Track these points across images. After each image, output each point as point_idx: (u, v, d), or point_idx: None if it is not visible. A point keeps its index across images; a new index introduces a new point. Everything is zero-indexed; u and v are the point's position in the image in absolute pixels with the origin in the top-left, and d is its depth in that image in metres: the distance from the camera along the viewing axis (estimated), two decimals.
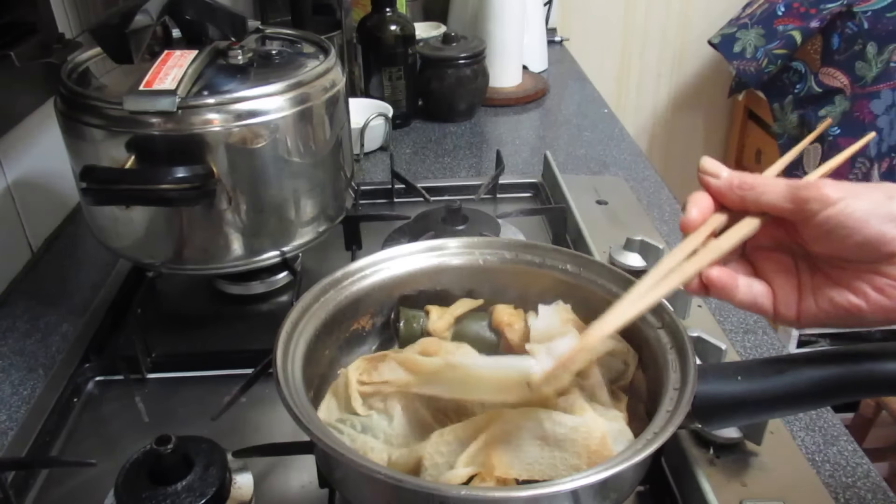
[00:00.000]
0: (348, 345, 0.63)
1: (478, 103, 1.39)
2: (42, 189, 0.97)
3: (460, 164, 1.20)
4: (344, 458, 0.44)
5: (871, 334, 1.86)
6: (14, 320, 0.83)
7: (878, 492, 0.60)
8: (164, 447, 0.51)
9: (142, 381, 0.73)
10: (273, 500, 0.60)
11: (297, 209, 0.75)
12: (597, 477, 0.43)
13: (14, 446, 0.63)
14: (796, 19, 1.74)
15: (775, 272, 0.46)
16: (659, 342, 0.54)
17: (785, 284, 0.45)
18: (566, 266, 0.63)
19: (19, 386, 0.73)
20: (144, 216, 0.71)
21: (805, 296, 0.45)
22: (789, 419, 0.66)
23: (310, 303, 0.58)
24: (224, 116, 0.66)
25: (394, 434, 0.53)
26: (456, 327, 0.63)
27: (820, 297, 0.44)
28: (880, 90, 1.63)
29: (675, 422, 0.46)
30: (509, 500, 0.43)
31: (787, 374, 0.48)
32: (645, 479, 0.58)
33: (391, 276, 0.63)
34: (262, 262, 0.76)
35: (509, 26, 1.43)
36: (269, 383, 0.52)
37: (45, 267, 0.93)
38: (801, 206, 0.42)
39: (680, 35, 2.24)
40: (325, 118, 0.75)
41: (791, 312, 0.45)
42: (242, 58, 0.74)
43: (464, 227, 0.86)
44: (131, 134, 0.66)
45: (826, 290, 0.44)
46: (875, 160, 1.61)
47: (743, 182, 0.44)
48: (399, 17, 1.30)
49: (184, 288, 0.88)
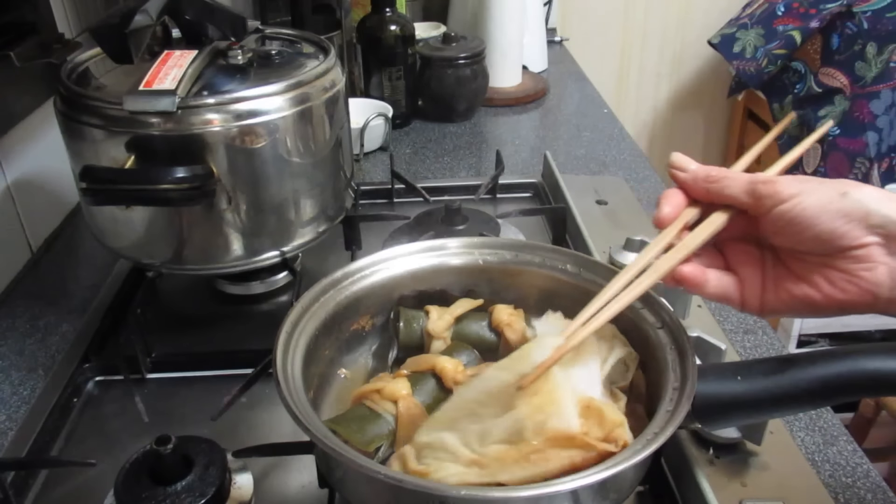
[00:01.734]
0: (348, 345, 0.63)
1: (478, 103, 1.39)
2: (42, 189, 0.97)
3: (460, 164, 1.20)
4: (344, 458, 0.44)
5: (871, 334, 1.86)
6: (14, 320, 0.83)
7: (877, 492, 0.60)
8: (163, 447, 0.51)
9: (142, 381, 0.73)
10: (273, 500, 0.60)
11: (297, 209, 0.75)
12: (597, 477, 0.43)
13: (14, 446, 0.63)
14: (796, 19, 1.74)
15: (743, 264, 0.48)
16: (659, 342, 0.54)
17: (751, 276, 0.48)
18: (566, 266, 0.63)
19: (19, 386, 0.73)
20: (144, 216, 0.71)
21: (767, 287, 0.47)
22: (789, 419, 0.66)
23: (310, 303, 0.58)
24: (224, 116, 0.66)
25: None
26: (456, 327, 0.63)
27: (780, 289, 0.47)
28: (880, 90, 1.63)
29: (675, 422, 0.46)
30: (509, 500, 0.43)
31: (787, 374, 0.48)
32: (645, 479, 0.58)
33: (391, 276, 0.64)
34: (261, 262, 0.76)
35: (509, 26, 1.43)
36: (269, 383, 0.52)
37: (45, 267, 0.93)
38: (758, 202, 0.45)
39: (680, 35, 2.24)
40: (325, 118, 0.75)
41: (755, 302, 0.48)
42: (242, 58, 0.74)
43: (464, 227, 0.86)
44: (131, 134, 0.66)
45: (785, 282, 0.47)
46: (875, 160, 1.61)
47: (708, 175, 0.47)
48: (399, 17, 1.30)
49: (184, 288, 0.88)
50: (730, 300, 0.48)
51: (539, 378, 0.48)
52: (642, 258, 0.49)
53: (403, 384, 0.56)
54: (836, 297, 0.45)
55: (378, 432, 0.53)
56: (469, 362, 0.59)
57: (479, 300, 0.65)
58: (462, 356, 0.59)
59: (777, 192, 0.44)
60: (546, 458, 0.45)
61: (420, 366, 0.59)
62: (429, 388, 0.57)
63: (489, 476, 0.46)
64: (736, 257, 0.49)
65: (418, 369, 0.58)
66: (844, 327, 1.84)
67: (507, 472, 0.46)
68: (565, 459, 0.45)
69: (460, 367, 0.58)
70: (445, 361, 0.58)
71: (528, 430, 0.46)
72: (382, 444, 0.53)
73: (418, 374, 0.58)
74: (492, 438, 0.47)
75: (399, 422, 0.54)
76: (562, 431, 0.45)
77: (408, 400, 0.55)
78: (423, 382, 0.57)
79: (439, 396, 0.57)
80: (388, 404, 0.55)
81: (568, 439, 0.45)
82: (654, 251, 0.48)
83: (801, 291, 0.46)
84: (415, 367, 0.59)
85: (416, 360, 0.60)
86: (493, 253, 0.65)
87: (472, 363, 0.59)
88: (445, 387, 0.57)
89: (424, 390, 0.56)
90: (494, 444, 0.47)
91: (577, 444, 0.45)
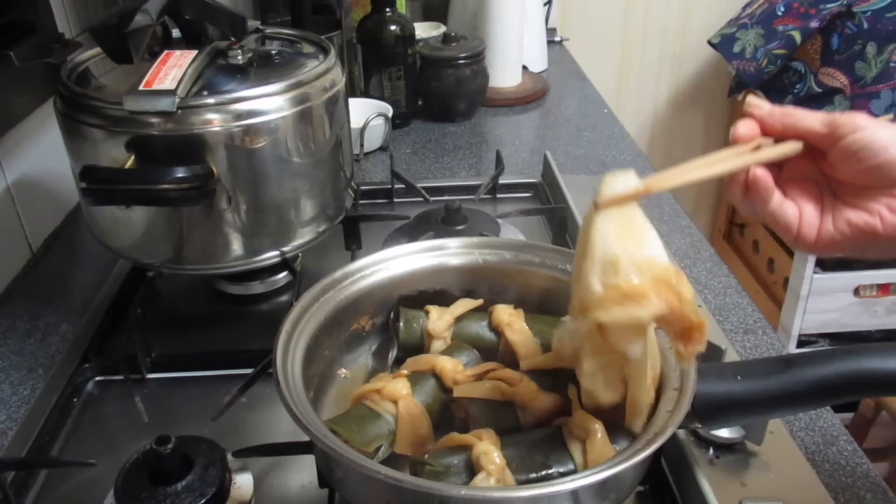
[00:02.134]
0: (348, 345, 0.63)
1: (478, 103, 1.39)
2: (42, 189, 0.97)
3: (460, 164, 1.20)
4: (344, 458, 0.44)
5: (871, 334, 1.87)
6: (14, 320, 0.83)
7: (877, 492, 0.60)
8: (163, 447, 0.51)
9: (142, 381, 0.73)
10: (273, 500, 0.60)
11: (297, 209, 0.75)
12: (597, 477, 0.43)
13: (14, 446, 0.63)
14: (796, 19, 1.74)
15: (803, 199, 0.50)
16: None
17: (810, 209, 0.49)
18: (566, 266, 0.63)
19: (19, 386, 0.73)
20: (144, 216, 0.71)
21: (825, 219, 0.49)
22: (789, 419, 0.66)
23: (310, 303, 0.58)
24: (224, 116, 0.66)
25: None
26: (456, 327, 0.63)
27: (839, 219, 0.49)
28: (880, 90, 1.63)
29: (675, 422, 0.46)
30: (509, 500, 0.43)
31: (786, 374, 0.48)
32: (645, 479, 0.58)
33: (391, 276, 0.64)
34: (261, 262, 0.76)
35: (509, 26, 1.43)
36: (269, 383, 0.52)
37: (45, 267, 0.93)
38: (833, 131, 0.47)
39: (680, 35, 2.23)
40: (325, 118, 0.75)
41: (812, 234, 0.49)
42: (242, 58, 0.74)
43: (463, 227, 0.86)
44: (131, 134, 0.66)
45: (845, 211, 0.48)
46: None
47: (784, 110, 0.49)
48: (399, 17, 1.30)
49: (184, 288, 0.87)
50: (787, 226, 0.49)
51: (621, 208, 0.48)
52: (718, 153, 0.49)
53: (403, 384, 0.56)
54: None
55: (378, 432, 0.53)
56: (469, 362, 0.59)
57: (479, 300, 0.65)
58: (462, 356, 0.59)
59: (854, 120, 0.46)
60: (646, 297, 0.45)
61: (420, 366, 0.59)
62: (429, 388, 0.57)
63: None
64: (796, 193, 0.50)
65: (418, 369, 0.58)
66: (844, 327, 1.84)
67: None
68: (663, 303, 0.45)
69: (460, 367, 0.58)
70: (445, 361, 0.58)
71: (622, 264, 0.46)
72: (382, 444, 0.53)
73: (418, 374, 0.58)
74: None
75: (399, 422, 0.54)
76: (661, 266, 0.45)
77: (408, 400, 0.55)
78: (423, 382, 0.57)
79: (439, 396, 0.57)
80: (388, 404, 0.55)
81: (666, 281, 0.45)
82: (728, 153, 0.49)
83: (862, 219, 0.48)
84: (415, 367, 0.59)
85: (416, 360, 0.60)
86: (493, 253, 0.65)
87: (472, 363, 0.59)
88: (445, 387, 0.57)
89: (424, 390, 0.56)
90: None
91: (673, 290, 0.45)
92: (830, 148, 0.48)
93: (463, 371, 0.57)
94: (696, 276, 0.88)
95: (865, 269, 1.77)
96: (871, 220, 0.47)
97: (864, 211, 0.48)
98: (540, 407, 0.55)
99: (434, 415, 0.56)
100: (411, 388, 0.56)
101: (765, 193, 0.49)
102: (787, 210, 0.49)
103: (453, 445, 0.51)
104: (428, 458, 0.50)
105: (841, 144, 0.47)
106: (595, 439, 0.50)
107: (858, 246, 0.49)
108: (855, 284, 1.78)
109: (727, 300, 0.84)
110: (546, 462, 0.49)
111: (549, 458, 0.49)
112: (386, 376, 0.58)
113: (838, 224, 0.48)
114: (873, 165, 0.46)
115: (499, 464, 0.48)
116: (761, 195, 0.49)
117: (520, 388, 0.55)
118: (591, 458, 0.49)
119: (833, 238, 0.49)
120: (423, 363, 0.59)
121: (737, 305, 0.83)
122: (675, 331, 0.46)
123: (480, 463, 0.48)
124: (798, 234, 0.49)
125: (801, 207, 0.49)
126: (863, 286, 1.79)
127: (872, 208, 0.47)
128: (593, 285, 0.46)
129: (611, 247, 0.47)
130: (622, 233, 0.47)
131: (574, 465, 0.49)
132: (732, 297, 0.85)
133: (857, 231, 0.48)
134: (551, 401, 0.55)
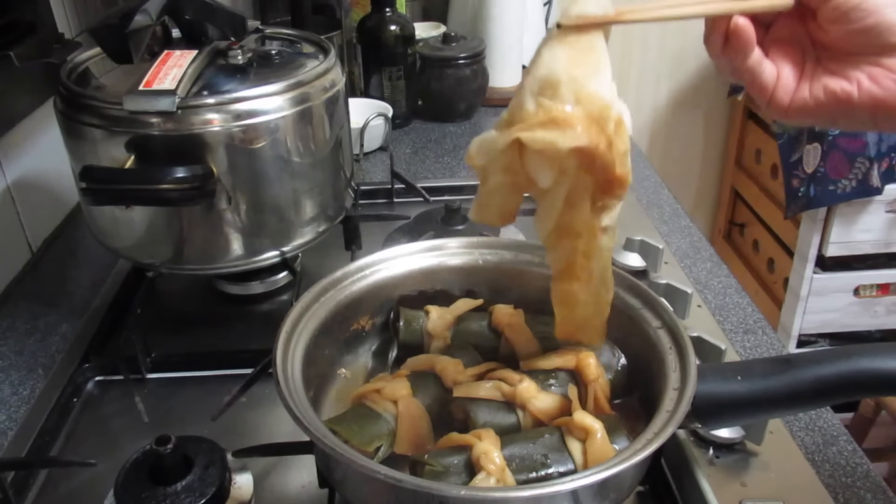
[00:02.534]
0: (348, 345, 0.63)
1: (478, 103, 1.39)
2: (42, 189, 0.97)
3: (460, 164, 1.20)
4: (344, 458, 0.44)
5: (871, 334, 1.87)
6: (14, 320, 0.83)
7: (877, 492, 0.60)
8: (163, 447, 0.51)
9: (142, 381, 0.73)
10: (273, 500, 0.60)
11: (297, 209, 0.75)
12: (596, 477, 0.43)
13: (14, 446, 0.64)
14: None
15: (783, 61, 0.48)
16: (659, 342, 0.54)
17: (788, 72, 0.48)
18: None
19: (19, 386, 0.73)
20: (144, 216, 0.71)
21: (802, 84, 0.48)
22: (789, 419, 0.66)
23: (310, 303, 0.58)
24: (224, 116, 0.66)
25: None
26: (456, 327, 0.63)
27: (815, 85, 0.47)
28: None
29: (675, 422, 0.46)
30: (509, 500, 0.43)
31: (786, 374, 0.48)
32: (645, 479, 0.58)
33: (391, 276, 0.64)
34: (261, 262, 0.76)
35: (509, 26, 1.43)
36: (269, 383, 0.52)
37: (45, 267, 0.93)
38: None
39: (680, 35, 2.23)
40: (325, 118, 0.75)
41: (786, 98, 0.48)
42: (242, 58, 0.74)
43: (463, 227, 0.86)
44: (131, 134, 0.66)
45: (823, 77, 0.47)
46: (875, 160, 1.61)
47: None
48: (399, 17, 1.30)
49: (184, 288, 0.88)
50: (763, 86, 0.48)
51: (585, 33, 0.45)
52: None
53: (403, 384, 0.56)
54: (873, 92, 0.45)
55: (378, 432, 0.53)
56: (469, 362, 0.59)
57: (479, 300, 0.65)
58: (462, 356, 0.59)
59: None
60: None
61: (420, 366, 0.59)
62: (429, 388, 0.57)
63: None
64: (778, 54, 0.49)
65: (418, 369, 0.58)
66: (844, 327, 1.85)
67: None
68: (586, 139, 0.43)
69: (460, 367, 0.58)
70: (445, 361, 0.58)
71: (562, 89, 0.44)
72: (382, 444, 0.53)
73: (418, 374, 0.58)
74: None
75: (399, 422, 0.54)
76: (602, 104, 0.44)
77: (408, 400, 0.55)
78: (423, 382, 0.57)
79: (439, 396, 0.57)
80: (388, 404, 0.55)
81: (600, 121, 0.44)
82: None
83: (839, 86, 0.46)
84: (415, 367, 0.59)
85: (416, 360, 0.60)
86: (493, 253, 0.65)
87: (472, 363, 0.59)
88: (445, 387, 0.57)
89: (424, 390, 0.56)
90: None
91: (605, 132, 0.44)
92: (822, 5, 0.46)
93: (463, 371, 0.57)
94: (696, 276, 0.88)
95: (865, 269, 1.77)
96: (848, 87, 0.46)
97: (842, 78, 0.46)
98: (540, 407, 0.55)
99: (434, 415, 0.56)
100: (411, 388, 0.56)
101: (746, 46, 0.47)
102: (765, 69, 0.48)
103: (453, 445, 0.51)
104: (428, 458, 0.50)
105: (833, 2, 0.45)
106: (595, 439, 0.50)
107: (831, 114, 0.48)
108: (855, 284, 1.78)
109: (727, 300, 0.84)
110: (546, 462, 0.49)
111: (549, 458, 0.50)
112: (386, 376, 0.58)
113: (814, 90, 0.47)
114: (863, 27, 0.45)
115: (499, 464, 0.48)
116: (742, 47, 0.47)
117: (520, 388, 0.55)
118: (591, 458, 0.49)
119: (806, 104, 0.48)
120: (423, 363, 0.59)
121: (737, 305, 0.83)
122: (597, 180, 0.45)
123: (480, 463, 0.48)
124: (772, 96, 0.48)
125: (780, 69, 0.48)
126: (863, 286, 1.79)
127: (852, 76, 0.46)
128: (526, 102, 0.45)
129: (557, 68, 0.44)
130: (576, 59, 0.45)
131: (574, 465, 0.49)
132: (732, 297, 0.85)
133: (831, 98, 0.47)
134: (551, 401, 0.55)
